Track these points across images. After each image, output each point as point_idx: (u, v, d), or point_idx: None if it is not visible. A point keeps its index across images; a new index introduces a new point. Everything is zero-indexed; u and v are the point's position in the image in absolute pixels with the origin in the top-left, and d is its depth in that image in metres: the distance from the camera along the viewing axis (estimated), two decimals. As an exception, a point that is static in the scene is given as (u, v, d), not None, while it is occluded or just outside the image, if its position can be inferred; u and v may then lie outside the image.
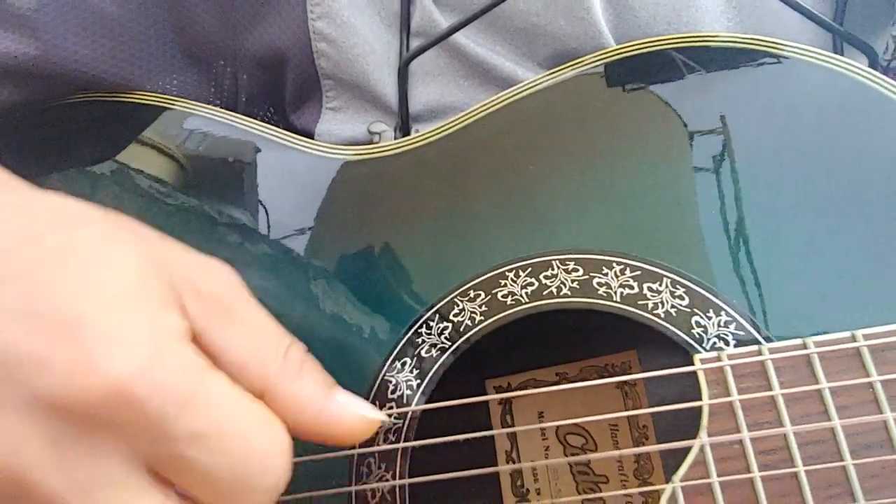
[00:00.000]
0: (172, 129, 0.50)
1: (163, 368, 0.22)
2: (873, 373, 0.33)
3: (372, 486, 0.38)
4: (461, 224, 0.42)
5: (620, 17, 0.46)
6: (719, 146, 0.40)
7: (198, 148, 0.49)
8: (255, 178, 0.47)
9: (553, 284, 0.39)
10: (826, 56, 0.39)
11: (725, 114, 0.40)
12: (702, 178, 0.39)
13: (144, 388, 0.21)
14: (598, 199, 0.40)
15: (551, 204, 0.41)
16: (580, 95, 0.43)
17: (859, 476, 0.32)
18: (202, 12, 0.52)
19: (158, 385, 0.22)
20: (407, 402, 0.39)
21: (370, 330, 0.41)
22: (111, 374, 0.21)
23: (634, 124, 0.41)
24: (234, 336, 0.25)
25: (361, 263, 0.43)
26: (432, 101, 0.48)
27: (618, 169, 0.41)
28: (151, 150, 0.50)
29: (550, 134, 0.43)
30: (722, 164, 0.39)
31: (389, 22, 0.48)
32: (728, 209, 0.38)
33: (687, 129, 0.40)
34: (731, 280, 0.37)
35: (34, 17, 0.48)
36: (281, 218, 0.45)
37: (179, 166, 0.49)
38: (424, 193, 0.43)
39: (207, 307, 0.25)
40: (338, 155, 0.46)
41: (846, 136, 0.38)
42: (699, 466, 0.33)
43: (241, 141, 0.48)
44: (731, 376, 0.34)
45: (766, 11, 0.45)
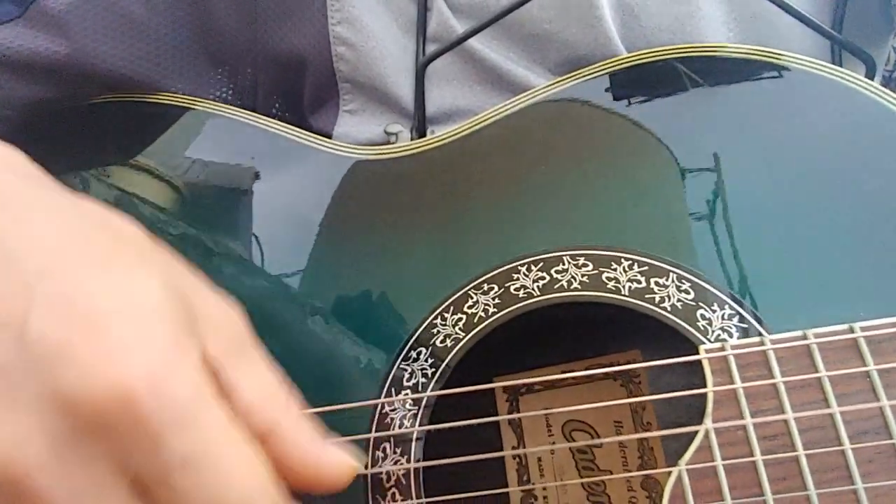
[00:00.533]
0: (195, 131, 0.51)
1: (172, 383, 0.22)
2: (870, 363, 0.34)
3: (387, 470, 0.39)
4: (475, 221, 0.44)
5: (627, 26, 0.48)
6: (722, 150, 0.41)
7: (220, 149, 0.51)
8: (275, 178, 0.49)
9: (564, 278, 0.41)
10: (827, 67, 0.41)
11: (728, 121, 0.42)
12: (704, 179, 0.41)
13: (150, 398, 0.21)
14: (607, 199, 0.42)
15: (562, 202, 0.43)
16: (588, 101, 0.45)
17: (857, 461, 0.33)
18: (225, 16, 0.54)
19: (164, 398, 0.22)
20: (423, 391, 0.41)
21: (387, 321, 0.43)
22: (123, 378, 0.21)
23: (640, 129, 0.43)
24: (247, 377, 0.26)
25: (379, 257, 0.44)
26: (446, 105, 0.50)
27: (625, 170, 0.43)
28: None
29: (560, 137, 0.45)
30: (724, 167, 0.41)
31: (406, 27, 0.50)
32: (731, 210, 0.40)
33: (691, 133, 0.42)
34: (734, 275, 0.38)
35: (64, 18, 0.50)
36: (302, 213, 0.47)
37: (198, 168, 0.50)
38: (440, 191, 0.45)
39: (224, 345, 0.25)
40: (357, 155, 0.48)
41: (846, 141, 0.40)
42: (704, 451, 0.35)
43: (262, 141, 0.50)
44: (734, 366, 0.36)
45: (765, 22, 0.47)
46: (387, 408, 0.41)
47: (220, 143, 0.51)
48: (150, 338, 0.22)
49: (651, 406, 0.50)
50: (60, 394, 0.21)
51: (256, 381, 0.26)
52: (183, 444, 0.22)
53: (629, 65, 0.45)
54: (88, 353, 0.21)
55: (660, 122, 0.43)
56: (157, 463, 0.22)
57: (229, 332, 0.26)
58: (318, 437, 0.27)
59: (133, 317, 0.23)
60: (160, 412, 0.22)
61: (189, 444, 0.22)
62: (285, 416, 0.26)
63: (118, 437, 0.22)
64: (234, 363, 0.26)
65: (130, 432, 0.22)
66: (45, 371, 0.21)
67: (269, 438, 0.26)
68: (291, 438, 0.26)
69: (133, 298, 0.23)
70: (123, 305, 0.23)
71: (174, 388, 0.22)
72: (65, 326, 0.22)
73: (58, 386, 0.21)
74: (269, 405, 0.26)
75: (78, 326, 0.22)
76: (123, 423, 0.21)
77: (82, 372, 0.21)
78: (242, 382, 0.25)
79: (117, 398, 0.21)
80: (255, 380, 0.26)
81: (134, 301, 0.23)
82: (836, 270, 0.37)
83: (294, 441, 0.26)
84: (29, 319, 0.22)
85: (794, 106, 0.41)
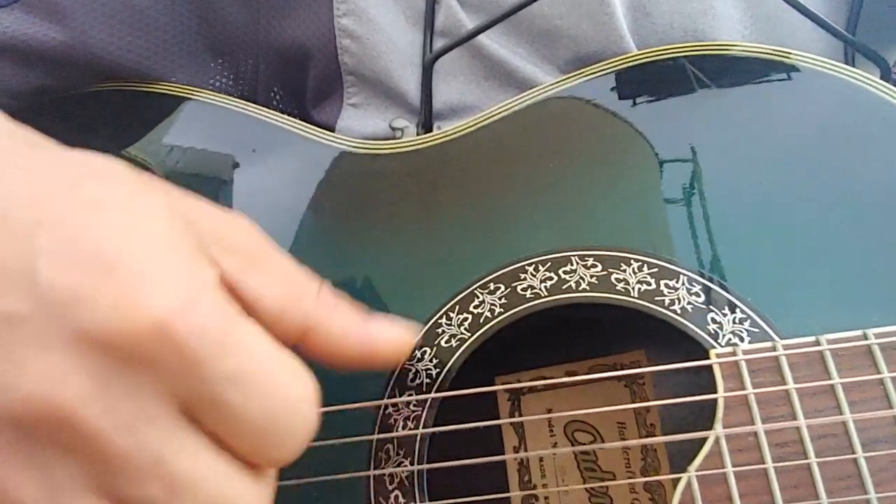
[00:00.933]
0: (195, 120, 0.50)
1: (201, 310, 0.22)
2: (884, 370, 0.34)
3: (390, 471, 0.39)
4: (482, 219, 0.43)
5: (638, 23, 0.47)
6: (732, 153, 0.41)
7: (219, 140, 0.50)
8: (275, 169, 0.48)
9: (572, 279, 0.40)
10: (840, 67, 0.41)
11: (740, 122, 0.41)
12: (714, 180, 0.40)
13: (185, 327, 0.22)
14: (616, 199, 0.41)
15: (570, 202, 0.42)
16: (596, 99, 0.44)
17: (870, 469, 0.33)
18: (227, 6, 0.53)
19: (199, 325, 0.22)
20: (427, 391, 0.40)
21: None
22: (154, 311, 0.21)
23: (650, 129, 0.43)
24: (267, 283, 0.26)
25: (384, 254, 0.44)
26: (453, 100, 0.49)
27: (635, 171, 0.42)
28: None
29: (570, 135, 0.44)
30: (736, 170, 0.40)
31: (414, 20, 0.50)
32: (743, 212, 0.39)
33: (700, 135, 0.42)
34: (746, 279, 0.38)
35: (64, 5, 0.49)
36: (306, 208, 0.46)
37: (202, 156, 0.50)
38: (446, 188, 0.44)
39: (237, 259, 0.25)
40: (361, 149, 0.47)
41: (860, 145, 0.39)
42: (714, 457, 0.34)
43: (262, 132, 0.49)
44: (745, 371, 0.35)
45: (781, 22, 0.47)
46: (390, 409, 0.40)
47: (219, 134, 0.50)
48: (165, 268, 0.22)
49: (655, 409, 0.50)
50: (90, 334, 0.21)
51: (279, 284, 0.26)
52: (225, 363, 0.22)
53: (639, 62, 0.44)
54: (111, 293, 0.21)
55: (669, 122, 0.42)
56: (203, 386, 0.22)
57: (243, 244, 0.26)
58: (359, 318, 0.27)
59: (142, 250, 0.22)
60: (197, 338, 0.22)
61: (232, 363, 0.22)
62: (319, 309, 0.26)
63: (160, 368, 0.22)
64: (250, 274, 0.25)
65: (172, 362, 0.22)
66: (67, 315, 0.21)
67: (309, 335, 0.26)
68: (331, 328, 0.26)
69: (137, 231, 0.23)
70: (129, 244, 0.22)
71: (203, 312, 0.22)
72: (75, 271, 0.21)
73: (85, 327, 0.21)
74: (298, 303, 0.26)
75: (89, 269, 0.21)
76: (163, 355, 0.21)
77: (109, 312, 0.21)
78: (265, 290, 0.25)
79: (151, 332, 0.21)
80: (277, 283, 0.26)
81: (139, 234, 0.23)
82: (849, 276, 0.37)
83: (334, 330, 0.26)
84: (37, 269, 0.21)
85: (808, 107, 0.40)
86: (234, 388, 0.22)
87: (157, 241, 0.23)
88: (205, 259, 0.24)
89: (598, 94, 0.44)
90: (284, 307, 0.26)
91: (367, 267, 0.44)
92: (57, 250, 0.22)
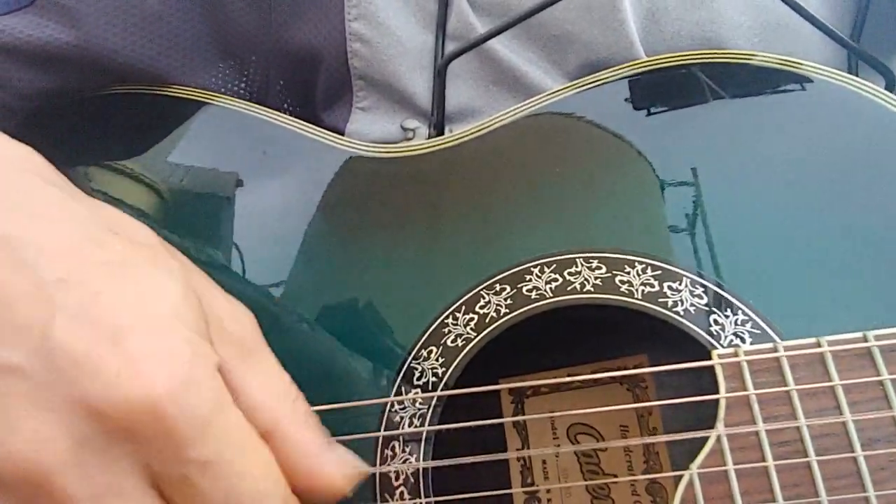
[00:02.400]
0: (210, 125, 0.51)
1: (195, 393, 0.23)
2: (884, 371, 0.34)
3: (396, 468, 0.39)
4: (488, 221, 0.44)
5: (647, 30, 0.48)
6: (740, 159, 0.41)
7: (232, 144, 0.50)
8: (286, 173, 0.49)
9: (577, 281, 0.41)
10: (848, 78, 0.42)
11: (747, 130, 0.42)
12: (717, 185, 0.41)
13: (176, 408, 0.22)
14: (620, 203, 0.42)
15: (575, 205, 0.43)
16: (602, 106, 0.45)
17: (869, 468, 0.33)
18: (238, 9, 0.53)
19: (188, 408, 0.23)
20: (432, 390, 0.41)
21: (399, 319, 0.43)
22: (151, 388, 0.22)
23: (656, 136, 0.43)
24: (253, 377, 0.26)
25: (392, 255, 0.44)
26: (462, 104, 0.50)
27: (641, 175, 0.43)
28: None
29: (577, 139, 0.45)
30: (741, 175, 0.41)
31: (425, 23, 0.50)
32: (746, 217, 0.40)
33: (707, 142, 0.42)
34: (748, 281, 0.39)
35: (75, 7, 0.50)
36: (318, 211, 0.47)
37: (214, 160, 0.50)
38: (453, 192, 0.45)
39: (232, 346, 0.26)
40: (372, 153, 0.48)
41: (865, 153, 0.40)
42: (715, 455, 0.35)
43: (276, 136, 0.50)
44: (747, 371, 0.36)
45: (788, 30, 0.47)
46: (396, 406, 0.41)
47: (233, 139, 0.50)
48: (170, 348, 0.23)
49: (657, 411, 0.50)
50: (86, 402, 0.22)
51: (264, 381, 0.27)
52: (205, 448, 0.23)
53: (646, 69, 0.45)
54: (114, 366, 0.22)
55: (678, 133, 0.43)
56: (178, 466, 0.23)
57: (239, 333, 0.27)
58: (322, 441, 0.28)
59: (153, 326, 0.23)
60: (184, 422, 0.22)
61: (210, 449, 0.23)
62: (290, 417, 0.27)
63: (142, 443, 0.22)
64: (243, 363, 0.26)
65: (155, 439, 0.22)
66: (70, 380, 0.22)
67: (272, 437, 0.27)
68: (293, 438, 0.27)
69: (151, 305, 0.24)
70: (143, 314, 0.23)
71: (196, 398, 0.23)
72: (87, 337, 0.22)
73: (83, 395, 0.22)
74: (276, 404, 0.27)
75: (101, 338, 0.22)
76: (148, 432, 0.22)
77: (109, 384, 0.22)
78: (250, 382, 0.26)
79: (144, 409, 0.22)
80: (262, 379, 0.27)
81: (152, 308, 0.24)
82: (850, 279, 0.37)
83: (294, 443, 0.27)
84: (52, 327, 0.22)
85: (815, 116, 0.41)
86: (206, 472, 0.23)
87: (168, 314, 0.24)
88: (207, 338, 0.25)
89: (605, 101, 0.45)
90: (260, 405, 0.26)
91: (376, 268, 0.44)
92: (74, 312, 0.22)
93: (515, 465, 0.53)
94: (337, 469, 0.28)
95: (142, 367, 0.22)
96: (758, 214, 0.40)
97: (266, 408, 0.26)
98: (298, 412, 0.28)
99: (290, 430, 0.27)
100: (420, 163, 0.46)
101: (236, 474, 0.24)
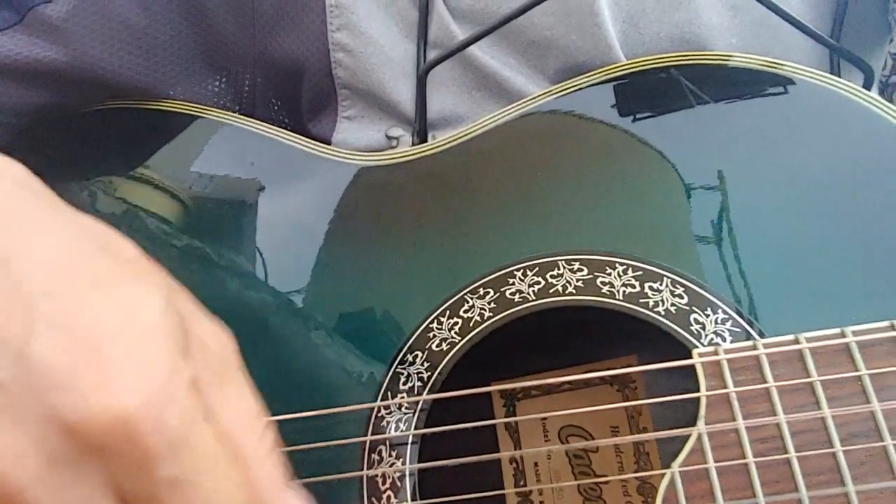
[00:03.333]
0: (200, 139, 0.52)
1: (168, 408, 0.23)
2: (861, 367, 0.35)
3: (382, 472, 0.40)
4: (471, 226, 0.44)
5: (626, 33, 0.49)
6: (721, 161, 0.42)
7: (228, 158, 0.51)
8: (280, 187, 0.49)
9: (559, 283, 0.41)
10: (828, 78, 0.42)
11: (728, 131, 0.42)
12: (697, 186, 0.41)
13: (146, 426, 0.22)
14: (601, 205, 0.43)
15: (557, 208, 0.43)
16: (583, 109, 0.45)
17: (848, 463, 0.33)
18: (224, 22, 0.54)
19: (161, 423, 0.22)
20: (418, 394, 0.41)
21: (384, 325, 0.43)
22: (123, 402, 0.22)
23: (635, 138, 0.44)
24: (226, 400, 0.26)
25: (376, 262, 0.45)
26: (446, 111, 0.51)
27: (620, 178, 0.43)
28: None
29: (557, 144, 0.45)
30: (722, 177, 0.41)
31: (406, 32, 0.51)
32: (725, 216, 0.40)
33: (690, 145, 0.43)
34: (727, 280, 0.39)
35: (63, 25, 0.50)
36: (307, 221, 0.47)
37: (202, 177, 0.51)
38: (436, 197, 0.46)
39: (211, 368, 0.26)
40: (358, 161, 0.48)
41: (842, 151, 0.40)
42: (697, 454, 0.35)
43: (268, 150, 0.50)
44: (727, 369, 0.36)
45: (767, 29, 0.47)
46: (382, 411, 0.41)
47: (227, 153, 0.51)
48: (148, 364, 0.23)
49: (647, 412, 0.51)
50: (59, 417, 0.22)
51: (236, 408, 0.26)
52: (174, 466, 0.23)
53: (626, 72, 0.45)
54: (89, 379, 0.22)
55: (659, 136, 0.43)
56: (147, 483, 0.23)
57: (218, 356, 0.27)
58: (279, 481, 0.27)
59: (132, 341, 0.23)
60: (155, 438, 0.22)
61: (179, 467, 0.23)
62: (257, 450, 0.27)
63: (112, 459, 0.22)
64: (219, 385, 0.26)
65: (125, 455, 0.22)
66: (44, 393, 0.22)
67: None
68: (258, 473, 0.26)
69: (133, 320, 0.24)
70: (124, 328, 0.23)
71: (169, 415, 0.23)
72: (66, 350, 0.22)
73: (56, 409, 0.22)
74: (244, 433, 0.26)
75: (79, 351, 0.22)
76: (119, 447, 0.22)
77: (82, 398, 0.22)
78: (223, 405, 0.26)
79: (115, 425, 0.22)
80: (235, 406, 0.26)
81: (134, 323, 0.23)
82: (828, 276, 0.38)
83: (260, 478, 0.26)
84: (31, 339, 0.22)
85: (792, 116, 0.41)
86: (175, 491, 0.23)
87: (149, 328, 0.24)
88: (186, 357, 0.25)
89: (585, 105, 0.45)
90: (230, 430, 0.26)
91: (361, 274, 0.45)
92: (56, 324, 0.22)
93: (508, 468, 0.53)
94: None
95: (116, 381, 0.22)
96: (736, 214, 0.40)
97: (235, 432, 0.26)
98: (265, 445, 0.27)
99: (254, 460, 0.26)
100: (402, 170, 0.47)
101: (207, 493, 0.23)
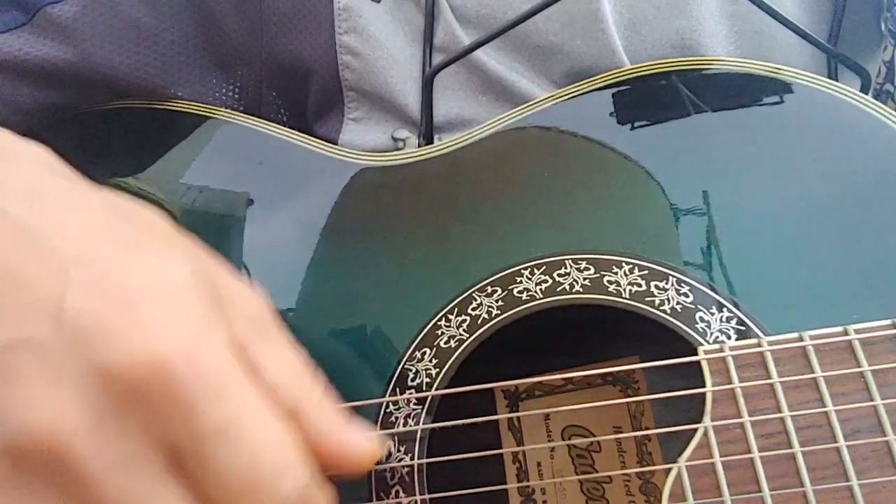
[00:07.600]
0: (210, 139, 0.52)
1: (206, 357, 0.23)
2: (864, 363, 0.35)
3: (391, 467, 0.40)
4: (479, 225, 0.45)
5: (628, 39, 0.49)
6: (722, 162, 0.43)
7: (232, 155, 0.51)
8: (283, 183, 0.50)
9: (566, 282, 0.42)
10: (824, 82, 0.43)
11: (727, 133, 0.43)
12: (700, 187, 0.42)
13: (185, 369, 0.22)
14: (608, 205, 0.43)
15: (565, 208, 0.44)
16: (588, 112, 0.46)
17: (852, 458, 0.34)
18: (231, 23, 0.55)
19: (199, 370, 0.22)
20: (426, 391, 0.41)
21: (393, 322, 0.44)
22: (160, 348, 0.22)
23: (638, 141, 0.45)
24: (272, 357, 0.26)
25: (386, 259, 0.45)
26: (452, 114, 0.51)
27: (626, 179, 0.44)
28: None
29: (563, 146, 0.46)
30: (724, 177, 0.42)
31: (413, 36, 0.52)
32: (730, 217, 0.41)
33: (691, 148, 0.43)
34: (733, 279, 0.40)
35: (71, 26, 0.51)
36: (316, 219, 0.48)
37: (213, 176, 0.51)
38: (445, 197, 0.46)
39: (249, 326, 0.26)
40: (365, 162, 0.49)
41: (842, 153, 0.41)
42: (703, 449, 0.36)
43: (272, 148, 0.51)
44: (732, 366, 0.37)
45: (766, 37, 0.48)
46: (391, 406, 0.42)
47: (237, 152, 0.51)
48: (182, 313, 0.23)
49: (650, 411, 0.51)
50: (97, 365, 0.22)
51: (280, 362, 0.27)
52: (216, 413, 0.23)
53: (630, 76, 0.46)
54: (124, 325, 0.22)
55: (661, 142, 0.44)
56: (191, 433, 0.22)
57: (254, 314, 0.27)
58: (341, 420, 0.28)
59: (165, 294, 0.23)
60: (194, 381, 0.22)
61: (222, 414, 0.23)
62: (309, 397, 0.27)
63: (154, 408, 0.22)
64: (259, 344, 0.26)
65: (166, 402, 0.22)
66: (82, 344, 0.22)
67: (296, 420, 0.26)
68: (315, 419, 0.27)
69: (165, 278, 0.24)
70: (156, 284, 0.23)
71: (207, 358, 0.23)
72: (100, 302, 0.22)
73: (95, 358, 0.22)
74: (294, 386, 0.26)
75: (113, 302, 0.22)
76: (159, 393, 0.22)
77: (118, 343, 0.22)
78: (267, 362, 0.26)
79: (152, 368, 0.22)
80: (279, 360, 0.27)
81: (165, 280, 0.24)
82: (831, 275, 0.38)
83: (317, 421, 0.27)
84: (65, 298, 0.22)
85: (792, 119, 0.42)
86: (220, 441, 0.23)
87: (180, 286, 0.24)
88: (220, 315, 0.25)
89: (589, 110, 0.46)
90: (282, 385, 0.26)
91: (370, 272, 0.45)
92: (88, 282, 0.23)
93: (511, 467, 0.53)
94: (362, 443, 0.28)
95: (150, 329, 0.22)
96: (740, 215, 0.41)
97: (287, 386, 0.26)
98: (316, 392, 0.27)
99: (311, 409, 0.26)
100: (409, 171, 0.48)
101: (251, 443, 0.23)
